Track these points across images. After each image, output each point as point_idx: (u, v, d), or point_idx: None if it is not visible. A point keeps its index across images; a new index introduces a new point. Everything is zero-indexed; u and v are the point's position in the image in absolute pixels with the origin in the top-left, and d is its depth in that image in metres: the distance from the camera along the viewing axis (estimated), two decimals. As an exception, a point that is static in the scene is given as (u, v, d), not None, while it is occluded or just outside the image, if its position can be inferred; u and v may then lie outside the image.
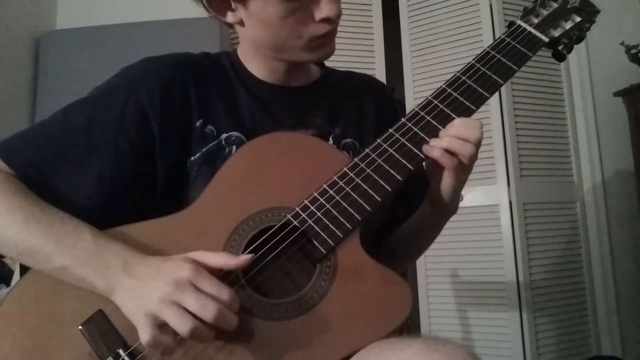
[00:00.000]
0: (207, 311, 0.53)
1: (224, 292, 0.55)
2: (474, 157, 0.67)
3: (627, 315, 2.18)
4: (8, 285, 1.37)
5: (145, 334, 0.54)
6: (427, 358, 0.51)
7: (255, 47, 0.77)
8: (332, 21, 0.70)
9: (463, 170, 0.68)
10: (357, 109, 0.85)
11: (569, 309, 2.10)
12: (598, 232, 2.24)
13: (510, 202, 2.07)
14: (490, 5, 2.18)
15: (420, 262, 2.17)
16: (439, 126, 0.68)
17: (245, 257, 0.59)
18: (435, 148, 0.66)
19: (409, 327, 0.67)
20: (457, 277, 2.11)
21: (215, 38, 2.01)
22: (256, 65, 0.80)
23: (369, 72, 2.17)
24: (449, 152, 0.66)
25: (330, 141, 0.79)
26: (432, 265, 2.16)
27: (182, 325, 0.53)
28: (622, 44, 2.07)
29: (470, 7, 2.21)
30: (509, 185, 2.08)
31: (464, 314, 2.08)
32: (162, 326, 0.54)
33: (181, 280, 0.54)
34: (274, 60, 0.78)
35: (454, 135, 0.66)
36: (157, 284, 0.55)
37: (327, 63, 0.91)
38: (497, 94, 2.07)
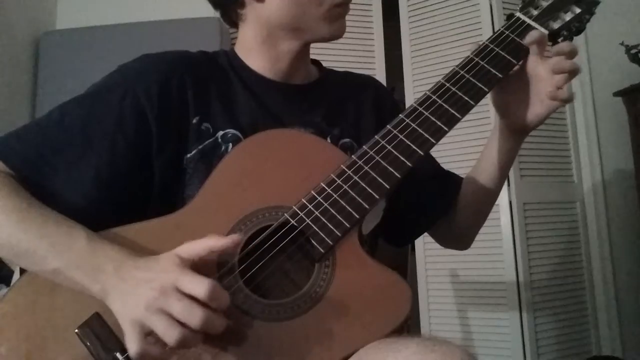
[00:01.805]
0: (193, 318, 0.52)
1: (202, 286, 0.52)
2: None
3: (627, 315, 2.18)
4: (8, 285, 1.37)
5: (132, 345, 0.53)
6: (425, 358, 0.51)
7: (269, 30, 0.77)
8: None
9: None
10: (356, 109, 0.85)
11: (569, 309, 2.10)
12: (598, 232, 2.23)
13: (510, 202, 2.06)
14: (490, 5, 2.18)
15: (420, 262, 2.16)
16: (437, 122, 0.68)
17: (233, 237, 0.57)
18: (562, 93, 0.69)
19: (409, 327, 0.67)
20: (457, 277, 2.11)
21: (216, 38, 2.01)
22: (260, 55, 0.79)
23: (369, 72, 2.17)
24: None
25: (328, 141, 0.79)
26: (432, 265, 2.16)
27: (169, 335, 0.52)
28: (622, 44, 2.06)
29: (470, 6, 2.21)
30: (509, 185, 2.08)
31: (464, 314, 2.08)
32: (150, 334, 0.53)
33: (165, 285, 0.53)
34: (285, 44, 0.78)
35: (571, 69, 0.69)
36: (143, 291, 0.54)
37: (327, 63, 0.91)
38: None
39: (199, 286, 0.53)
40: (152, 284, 0.54)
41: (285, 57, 0.79)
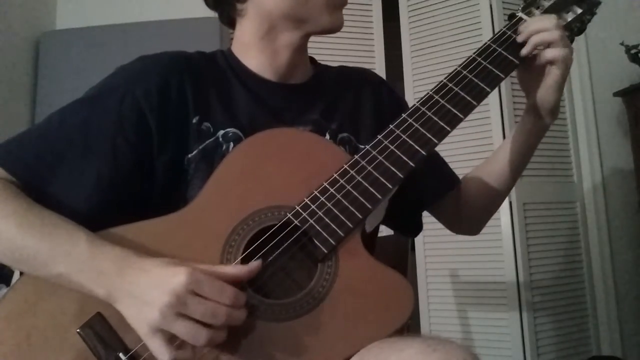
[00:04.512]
0: (217, 317, 0.53)
1: (226, 293, 0.54)
2: (566, 39, 0.71)
3: (627, 315, 2.18)
4: (8, 285, 1.37)
5: (163, 356, 0.53)
6: (428, 358, 0.51)
7: (270, 21, 0.77)
8: None
9: (570, 56, 0.71)
10: (352, 102, 0.85)
11: (569, 309, 2.10)
12: (598, 232, 2.23)
13: (510, 202, 2.06)
14: (490, 5, 2.18)
15: (420, 262, 2.16)
16: (440, 122, 0.68)
17: (255, 264, 0.59)
18: (546, 52, 0.71)
19: (409, 326, 0.67)
20: (457, 277, 2.11)
21: (215, 38, 2.01)
22: (257, 54, 0.79)
23: (369, 72, 2.17)
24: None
25: (327, 136, 0.79)
26: (432, 265, 2.15)
27: (197, 338, 0.53)
28: (622, 44, 2.07)
29: (470, 6, 2.21)
30: (509, 185, 2.07)
31: (464, 314, 2.08)
32: (173, 338, 0.54)
33: (179, 289, 0.53)
34: (285, 36, 0.77)
35: (535, 30, 0.71)
36: (156, 296, 0.54)
37: (327, 62, 0.91)
38: (496, 92, 2.08)
39: (223, 292, 0.54)
40: (164, 288, 0.54)
41: (284, 51, 0.79)
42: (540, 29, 0.71)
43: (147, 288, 0.55)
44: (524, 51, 0.72)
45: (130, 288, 0.56)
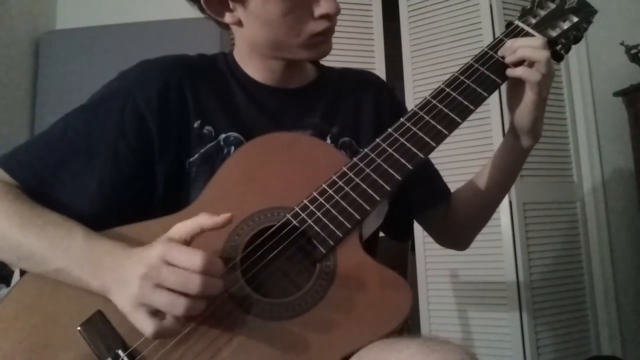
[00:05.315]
0: (191, 285, 0.51)
1: (196, 258, 0.51)
2: (550, 63, 0.70)
3: (627, 315, 2.18)
4: (8, 285, 1.37)
5: (147, 328, 0.52)
6: (426, 358, 0.51)
7: (252, 47, 0.77)
8: (331, 17, 0.71)
9: (544, 80, 0.70)
10: (354, 106, 0.86)
11: (569, 309, 2.10)
12: (598, 232, 2.24)
13: (510, 202, 2.07)
14: (490, 5, 2.18)
15: (420, 262, 2.17)
16: (437, 126, 0.69)
17: (225, 215, 0.56)
18: (516, 69, 0.70)
19: (409, 327, 0.67)
20: (457, 277, 2.11)
21: (215, 38, 2.01)
22: (253, 66, 0.80)
23: (369, 72, 2.17)
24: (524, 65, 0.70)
25: (328, 140, 0.79)
26: (432, 265, 2.16)
27: (174, 308, 0.51)
28: (622, 44, 2.07)
29: (470, 7, 2.22)
30: (509, 185, 2.07)
31: (464, 314, 2.08)
32: (157, 312, 0.53)
33: (152, 260, 0.53)
34: (271, 60, 0.78)
35: (519, 46, 0.70)
36: (133, 271, 0.54)
37: (327, 63, 0.91)
38: (497, 93, 2.08)
39: (192, 258, 0.52)
40: (141, 263, 0.53)
41: (276, 68, 0.79)
42: (529, 45, 0.70)
43: (129, 268, 0.55)
44: (509, 59, 0.72)
45: (118, 275, 0.56)
